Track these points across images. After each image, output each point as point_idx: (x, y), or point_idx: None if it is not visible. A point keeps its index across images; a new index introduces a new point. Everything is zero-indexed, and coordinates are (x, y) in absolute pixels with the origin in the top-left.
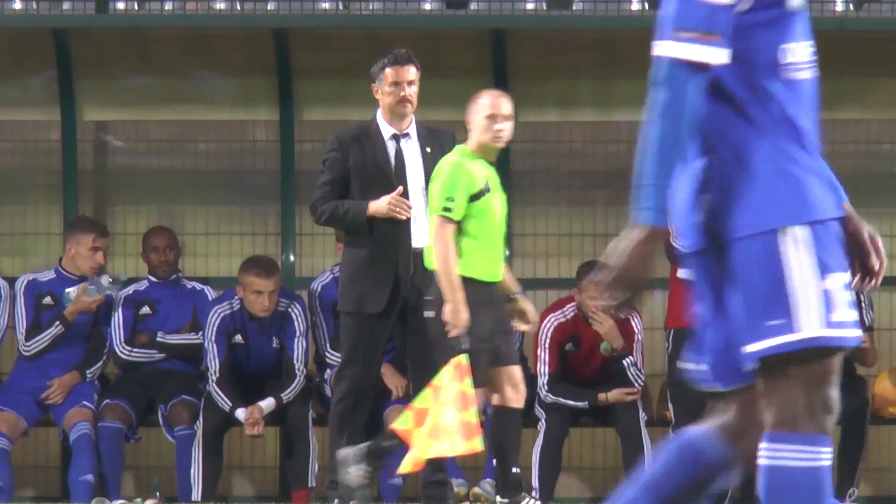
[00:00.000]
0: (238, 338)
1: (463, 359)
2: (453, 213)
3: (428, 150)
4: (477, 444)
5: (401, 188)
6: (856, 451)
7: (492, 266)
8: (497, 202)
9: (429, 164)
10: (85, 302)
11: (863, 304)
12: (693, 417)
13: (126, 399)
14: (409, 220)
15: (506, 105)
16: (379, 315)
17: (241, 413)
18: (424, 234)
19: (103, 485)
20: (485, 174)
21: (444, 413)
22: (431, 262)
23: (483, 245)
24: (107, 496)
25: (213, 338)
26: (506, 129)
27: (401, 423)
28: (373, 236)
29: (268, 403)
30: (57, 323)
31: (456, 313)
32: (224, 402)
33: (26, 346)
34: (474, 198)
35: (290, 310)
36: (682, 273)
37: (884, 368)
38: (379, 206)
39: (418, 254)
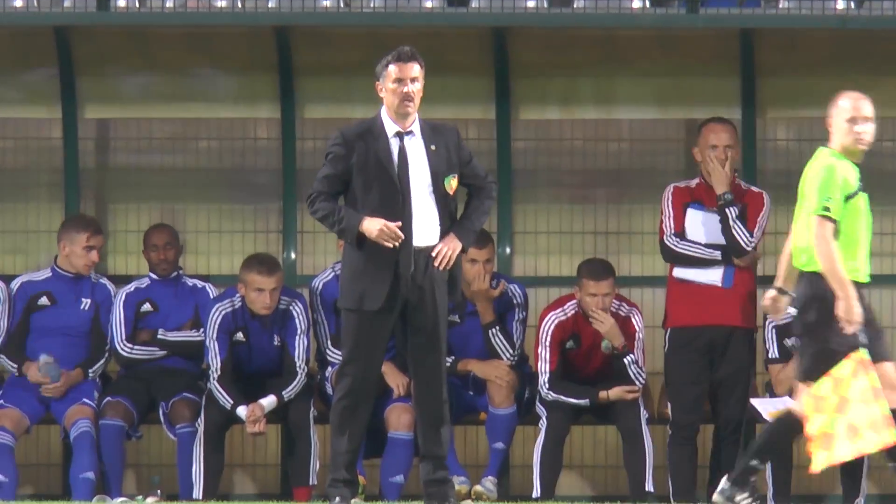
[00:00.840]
0: (239, 335)
1: (863, 353)
2: (832, 212)
3: (432, 147)
4: (892, 436)
5: (400, 223)
6: (858, 459)
7: (865, 265)
8: (863, 202)
9: (433, 162)
10: (34, 374)
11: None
12: (690, 415)
13: (128, 396)
14: (411, 219)
15: (866, 107)
16: (379, 312)
17: (242, 411)
18: (427, 233)
19: (104, 482)
20: (855, 175)
21: (855, 410)
22: (805, 262)
23: (857, 244)
24: (108, 493)
25: (215, 335)
26: (867, 131)
27: (803, 406)
28: (364, 244)
29: (269, 401)
30: (14, 366)
31: (849, 310)
32: (225, 399)
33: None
34: (849, 198)
35: (291, 307)
36: (678, 273)
37: None
38: (371, 228)
39: (420, 252)
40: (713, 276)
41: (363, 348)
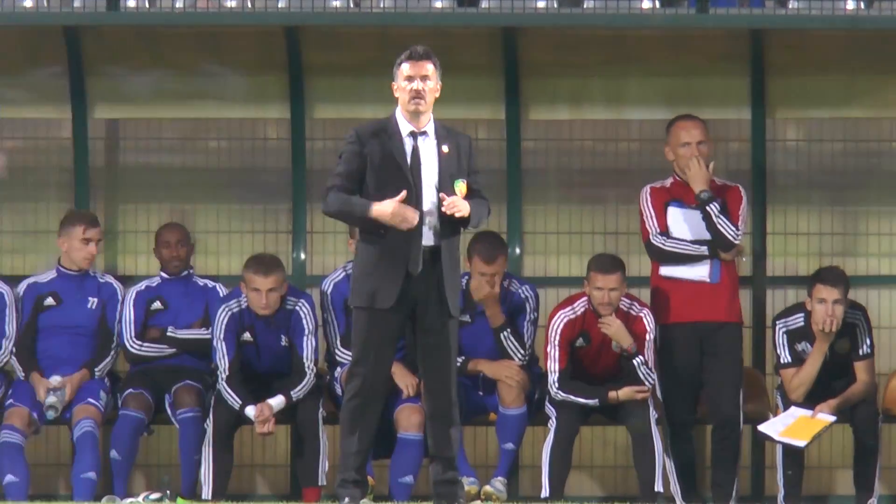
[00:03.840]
0: (247, 335)
1: None
2: None
3: (444, 149)
4: None
5: (405, 193)
6: (870, 460)
7: None
8: None
9: (444, 164)
10: (41, 393)
11: None
12: (684, 412)
13: (147, 389)
14: (422, 217)
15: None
16: (390, 311)
17: (250, 411)
18: (434, 233)
19: (110, 480)
20: None
21: None
22: None
23: None
24: (113, 491)
25: (222, 336)
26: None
27: None
28: (387, 232)
29: (277, 401)
30: (23, 373)
31: None
32: (234, 400)
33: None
34: None
35: (297, 307)
36: (665, 271)
37: (895, 366)
38: (382, 211)
39: (429, 251)
40: (701, 272)
41: (373, 348)
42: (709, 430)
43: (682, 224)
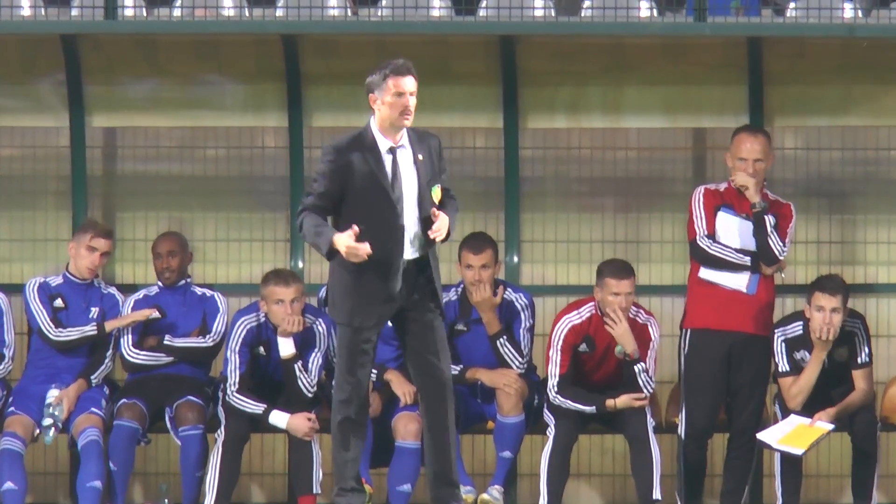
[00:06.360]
0: (261, 349)
1: None
2: None
3: (419, 157)
4: None
5: (356, 228)
6: (869, 468)
7: None
8: None
9: (421, 173)
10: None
11: None
12: (706, 421)
13: (142, 399)
14: (403, 233)
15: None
16: (372, 325)
17: (277, 417)
18: (415, 245)
19: (111, 488)
20: None
21: None
22: None
23: None
24: (113, 501)
25: (237, 348)
26: None
27: None
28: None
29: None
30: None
31: None
32: (255, 406)
33: (56, 332)
34: None
35: (314, 325)
36: (704, 274)
37: (893, 375)
38: (339, 242)
39: (413, 263)
40: (739, 282)
41: (359, 360)
42: (716, 438)
43: (731, 231)
